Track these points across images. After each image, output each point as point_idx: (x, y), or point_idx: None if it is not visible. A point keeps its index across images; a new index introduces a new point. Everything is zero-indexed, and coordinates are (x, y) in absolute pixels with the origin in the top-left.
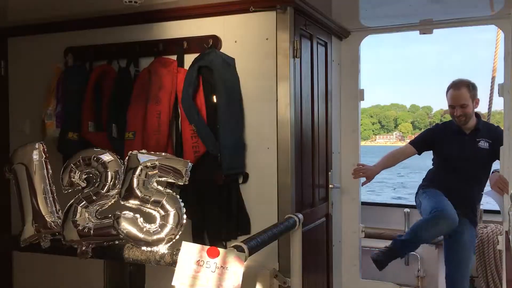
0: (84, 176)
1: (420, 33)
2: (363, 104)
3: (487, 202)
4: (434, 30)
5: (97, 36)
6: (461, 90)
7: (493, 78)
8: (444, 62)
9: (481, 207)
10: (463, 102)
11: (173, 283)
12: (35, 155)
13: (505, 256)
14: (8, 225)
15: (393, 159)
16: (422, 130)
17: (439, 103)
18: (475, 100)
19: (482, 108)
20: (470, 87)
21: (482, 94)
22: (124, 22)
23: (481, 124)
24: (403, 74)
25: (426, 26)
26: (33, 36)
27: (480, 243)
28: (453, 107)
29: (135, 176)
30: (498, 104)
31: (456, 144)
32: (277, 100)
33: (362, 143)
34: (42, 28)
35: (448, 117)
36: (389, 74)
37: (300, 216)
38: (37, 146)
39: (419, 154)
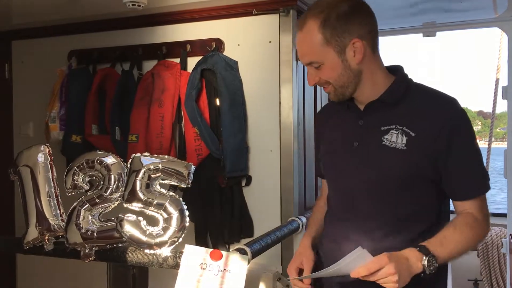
0: (87, 179)
1: (424, 36)
2: None
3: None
4: (437, 33)
5: (100, 39)
6: (304, 31)
7: (497, 80)
8: (448, 63)
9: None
10: (310, 59)
11: (176, 287)
12: (40, 158)
13: (509, 259)
14: (12, 227)
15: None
16: None
17: None
18: (352, 44)
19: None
20: (329, 20)
21: (487, 96)
22: (127, 25)
23: (396, 90)
24: (411, 75)
25: (429, 29)
26: (37, 39)
27: (484, 246)
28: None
29: (138, 179)
30: (503, 106)
31: (340, 135)
32: (280, 103)
33: None
34: (46, 31)
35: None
36: None
37: (303, 219)
38: (42, 148)
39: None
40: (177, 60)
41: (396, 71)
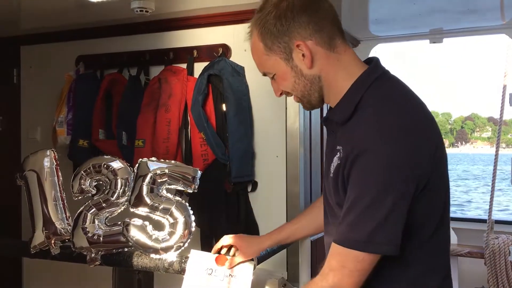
0: (94, 183)
1: (430, 42)
2: None
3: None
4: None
5: (108, 45)
6: (251, 40)
7: (504, 87)
8: (459, 69)
9: (492, 217)
10: (262, 70)
11: None
12: (46, 162)
13: None
14: (18, 232)
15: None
16: (443, 136)
17: (459, 110)
18: (297, 47)
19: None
20: (266, 26)
21: (498, 102)
22: (135, 30)
23: (345, 105)
24: (420, 81)
25: (436, 36)
26: (45, 45)
27: (491, 253)
28: None
29: (145, 183)
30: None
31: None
32: (286, 108)
33: None
34: (54, 37)
35: (470, 124)
36: (405, 80)
37: None
38: (48, 153)
39: None
40: (184, 66)
41: (368, 65)
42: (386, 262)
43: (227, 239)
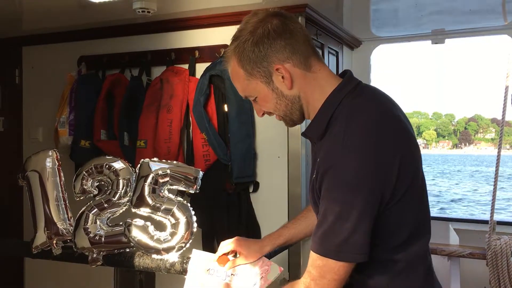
0: (96, 184)
1: (432, 43)
2: None
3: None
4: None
5: (110, 45)
6: (229, 68)
7: (506, 88)
8: (462, 70)
9: (495, 218)
10: (244, 94)
11: None
12: (48, 163)
13: None
14: (20, 232)
15: None
16: (446, 138)
17: (462, 111)
18: (276, 70)
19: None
20: (244, 53)
21: (497, 102)
22: (137, 31)
23: (319, 121)
24: (423, 81)
25: (438, 36)
26: (47, 45)
27: (493, 255)
28: None
29: (147, 184)
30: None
31: None
32: None
33: None
34: (56, 37)
35: (473, 126)
36: (408, 81)
37: None
38: (50, 153)
39: None
40: (186, 66)
41: (341, 80)
42: (366, 264)
43: (227, 246)
